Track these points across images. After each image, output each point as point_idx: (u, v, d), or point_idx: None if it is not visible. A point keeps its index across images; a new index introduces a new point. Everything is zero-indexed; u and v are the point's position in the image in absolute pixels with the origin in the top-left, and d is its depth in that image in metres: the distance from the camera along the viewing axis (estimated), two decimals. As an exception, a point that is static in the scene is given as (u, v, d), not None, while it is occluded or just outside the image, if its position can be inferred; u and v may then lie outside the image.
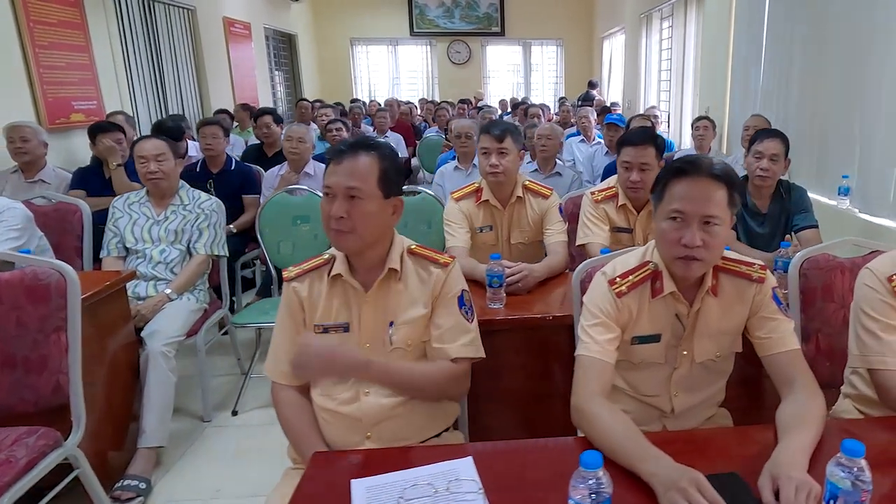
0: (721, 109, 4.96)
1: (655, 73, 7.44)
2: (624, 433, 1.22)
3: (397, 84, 12.53)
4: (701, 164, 1.39)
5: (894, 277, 1.47)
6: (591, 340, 1.45)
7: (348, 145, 1.54)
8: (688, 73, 6.21)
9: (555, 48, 12.54)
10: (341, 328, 1.58)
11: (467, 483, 1.13)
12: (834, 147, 3.36)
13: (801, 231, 2.61)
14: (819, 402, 1.32)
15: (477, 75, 12.37)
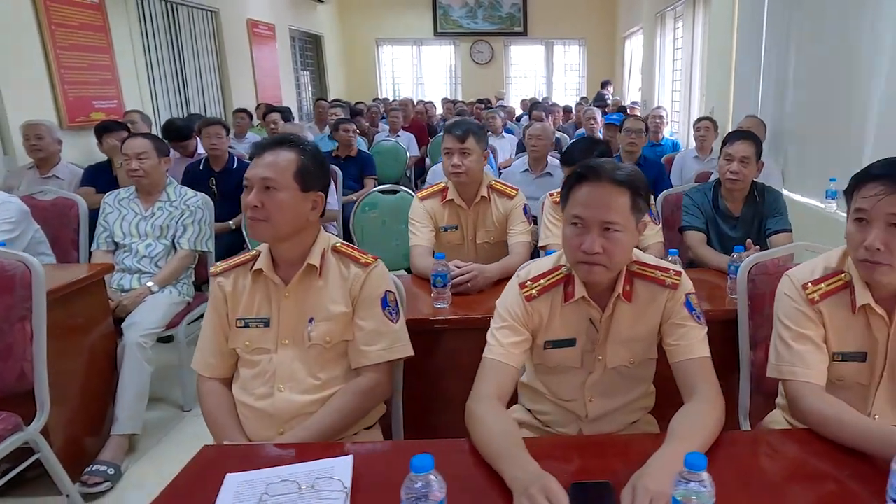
0: (725, 110, 4.83)
1: (669, 72, 7.29)
2: (501, 437, 1.20)
3: (421, 84, 12.56)
4: (602, 169, 1.35)
5: (809, 285, 1.41)
6: (496, 343, 1.43)
7: (270, 141, 1.57)
8: (695, 73, 6.07)
9: (577, 48, 12.39)
10: (262, 323, 1.59)
11: (334, 482, 1.12)
12: (823, 149, 3.23)
13: (774, 235, 2.51)
14: (714, 413, 1.27)
15: (499, 75, 12.30)
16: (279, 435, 1.52)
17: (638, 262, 1.48)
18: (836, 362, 1.41)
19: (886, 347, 1.38)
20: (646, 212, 1.41)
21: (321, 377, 1.57)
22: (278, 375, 1.55)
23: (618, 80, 10.95)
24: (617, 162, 1.42)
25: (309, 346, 1.57)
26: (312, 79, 10.93)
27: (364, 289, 1.59)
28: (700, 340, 1.40)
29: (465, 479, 1.16)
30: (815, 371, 1.36)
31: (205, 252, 3.20)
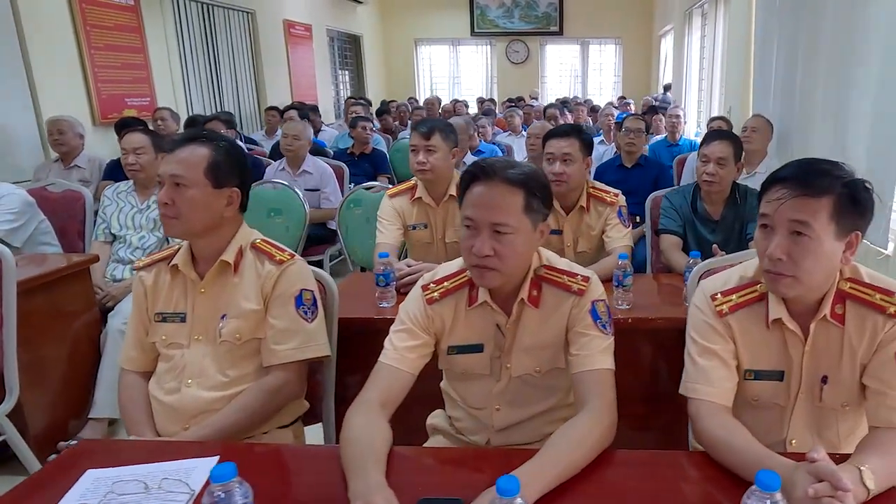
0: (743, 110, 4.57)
1: (696, 71, 6.98)
2: (356, 446, 1.13)
3: (457, 83, 12.48)
4: (494, 168, 1.26)
5: (718, 296, 1.28)
6: (390, 347, 1.35)
7: (182, 137, 1.54)
8: (716, 72, 5.78)
9: (613, 47, 12.07)
10: (178, 318, 1.57)
11: (181, 484, 1.08)
12: (822, 152, 3.00)
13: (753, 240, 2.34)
14: (598, 429, 1.17)
15: (534, 75, 12.11)
16: (184, 430, 1.49)
17: (547, 266, 1.38)
18: (749, 381, 1.27)
19: (801, 367, 1.24)
20: (543, 213, 1.30)
21: (230, 374, 1.53)
22: (188, 371, 1.52)
23: (653, 79, 10.61)
24: (514, 161, 1.32)
25: (220, 342, 1.53)
26: (351, 78, 11.00)
27: (277, 286, 1.54)
28: (601, 351, 1.29)
29: (329, 486, 1.10)
30: (718, 389, 1.23)
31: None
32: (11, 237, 2.95)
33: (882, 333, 1.17)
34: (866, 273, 1.23)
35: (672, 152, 4.81)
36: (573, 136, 2.23)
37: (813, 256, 1.13)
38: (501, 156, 4.78)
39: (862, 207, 1.14)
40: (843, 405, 1.23)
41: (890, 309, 1.17)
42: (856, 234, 1.16)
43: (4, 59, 4.44)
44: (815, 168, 1.15)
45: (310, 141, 4.15)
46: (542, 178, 1.31)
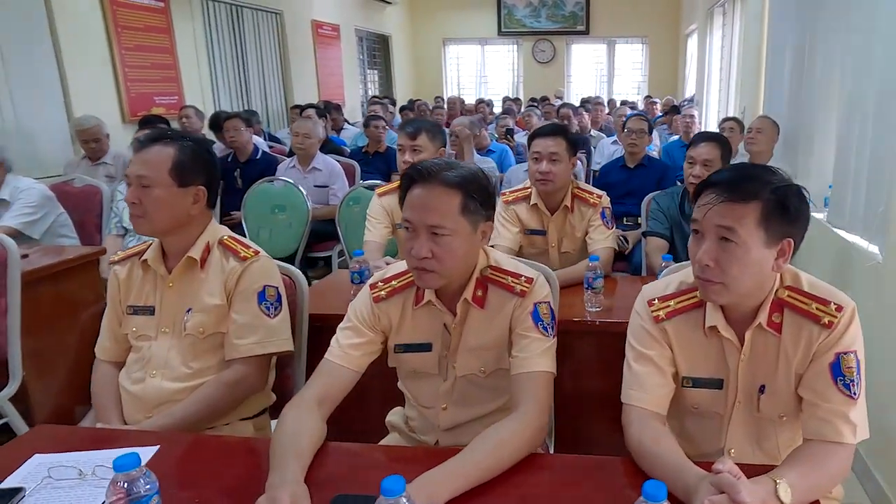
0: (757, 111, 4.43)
1: (717, 71, 6.79)
2: (282, 440, 1.14)
3: (484, 83, 12.42)
4: (431, 170, 1.25)
5: (656, 301, 1.25)
6: (335, 344, 1.36)
7: (147, 137, 1.56)
8: (733, 72, 5.60)
9: (640, 46, 11.83)
10: (148, 311, 1.60)
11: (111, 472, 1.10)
12: (822, 154, 2.89)
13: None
14: (523, 433, 1.15)
15: (560, 74, 11.96)
16: (147, 419, 1.52)
17: (493, 266, 1.37)
18: (688, 388, 1.24)
19: (738, 375, 1.20)
20: (483, 214, 1.29)
21: (193, 366, 1.56)
22: (153, 362, 1.56)
23: (680, 78, 10.38)
24: (455, 162, 1.31)
25: (185, 335, 1.56)
26: (380, 77, 11.05)
27: (240, 282, 1.56)
28: (539, 354, 1.28)
29: (254, 478, 1.11)
30: (651, 396, 1.20)
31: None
32: (30, 229, 3.06)
33: (816, 344, 1.13)
34: (807, 281, 1.18)
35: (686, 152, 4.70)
36: (559, 136, 2.20)
37: (740, 263, 1.09)
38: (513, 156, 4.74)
39: (792, 214, 1.10)
40: (780, 416, 1.19)
41: (824, 319, 1.12)
42: (788, 242, 1.12)
43: (38, 60, 4.59)
44: (745, 173, 1.12)
45: (320, 139, 4.19)
46: (482, 179, 1.29)
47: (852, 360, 1.10)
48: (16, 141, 4.41)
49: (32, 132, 4.59)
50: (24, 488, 1.08)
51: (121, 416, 1.56)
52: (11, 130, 4.44)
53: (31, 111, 4.56)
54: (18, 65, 4.39)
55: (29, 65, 4.50)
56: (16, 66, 4.37)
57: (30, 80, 4.51)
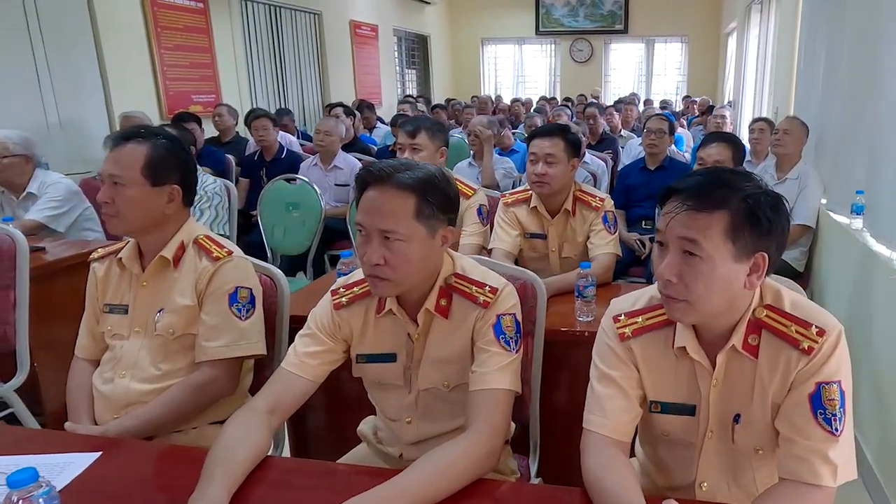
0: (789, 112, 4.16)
1: (752, 71, 6.44)
2: (215, 452, 1.07)
3: (522, 82, 12.20)
4: (386, 172, 1.15)
5: (622, 317, 1.11)
6: (292, 352, 1.28)
7: (119, 135, 1.51)
8: (767, 72, 5.28)
9: (679, 45, 11.40)
10: (122, 310, 1.56)
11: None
12: (851, 158, 2.65)
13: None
14: (470, 457, 1.05)
15: (597, 73, 11.64)
16: (114, 419, 1.48)
17: (459, 274, 1.26)
18: (656, 413, 1.11)
19: (709, 402, 1.06)
20: (441, 219, 1.18)
21: (163, 368, 1.51)
22: (123, 362, 1.52)
23: (720, 78, 9.95)
24: (414, 163, 1.20)
25: (155, 335, 1.51)
26: (418, 77, 10.99)
27: (211, 283, 1.50)
28: (498, 369, 1.16)
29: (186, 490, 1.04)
30: (612, 422, 1.06)
31: (223, 235, 3.27)
32: (55, 222, 3.09)
33: (795, 371, 0.98)
34: (790, 300, 1.03)
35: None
36: (557, 137, 2.07)
37: (705, 279, 0.95)
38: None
39: (764, 226, 0.95)
40: (756, 449, 1.05)
41: (804, 344, 0.97)
42: (761, 256, 0.97)
43: (81, 59, 4.68)
44: (713, 179, 0.98)
45: (342, 137, 4.14)
46: (441, 181, 1.18)
47: (835, 391, 0.95)
48: (59, 136, 4.53)
49: (75, 128, 4.68)
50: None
51: (91, 416, 1.52)
52: (55, 126, 4.54)
53: (74, 108, 4.65)
54: (62, 63, 4.48)
55: (72, 63, 4.59)
56: (59, 64, 4.47)
57: (72, 77, 4.60)
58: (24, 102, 4.28)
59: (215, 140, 5.29)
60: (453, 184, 1.23)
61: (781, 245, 0.99)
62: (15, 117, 4.05)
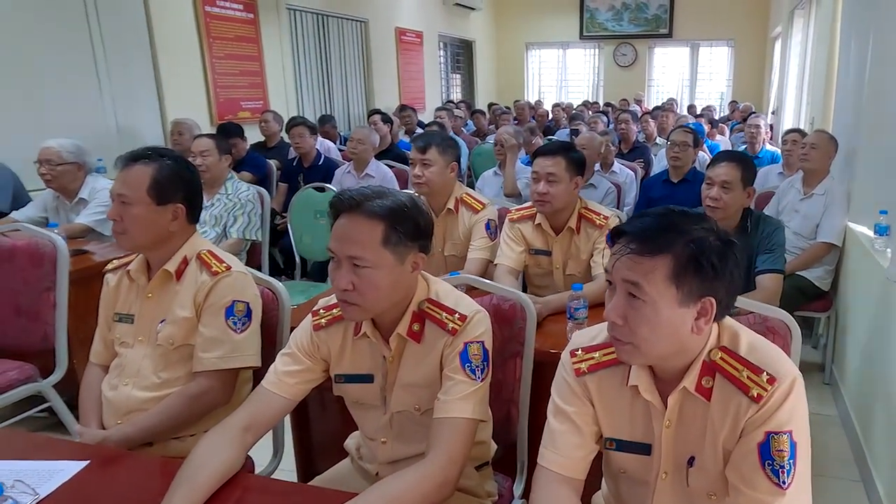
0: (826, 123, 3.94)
1: (794, 78, 6.11)
2: (184, 468, 1.11)
3: (565, 86, 12.01)
4: (355, 200, 1.16)
5: (579, 352, 1.08)
6: (272, 370, 1.31)
7: (127, 156, 1.57)
8: (805, 80, 4.99)
9: (725, 49, 10.96)
10: (129, 319, 1.62)
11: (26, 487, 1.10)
12: (876, 175, 2.48)
13: (760, 275, 2.01)
14: (424, 486, 1.05)
15: (641, 78, 11.33)
16: (117, 425, 1.54)
17: (431, 300, 1.26)
18: (610, 450, 1.07)
19: (661, 443, 1.02)
20: (410, 245, 1.17)
21: (163, 376, 1.56)
22: (127, 370, 1.58)
23: (766, 83, 9.52)
24: (388, 191, 1.20)
25: (157, 345, 1.57)
26: (462, 81, 10.97)
27: (209, 297, 1.55)
28: (461, 398, 1.15)
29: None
30: (563, 458, 1.04)
31: (255, 241, 3.36)
32: (101, 226, 3.24)
33: (745, 419, 0.93)
34: (747, 343, 0.98)
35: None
36: (559, 156, 2.03)
37: (649, 323, 0.92)
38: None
39: (708, 272, 0.91)
40: (708, 494, 1.00)
41: (753, 391, 0.92)
42: (709, 301, 0.93)
43: (138, 68, 4.88)
44: (660, 223, 0.94)
45: (374, 146, 4.17)
46: (411, 210, 1.18)
47: (785, 441, 0.90)
48: (116, 141, 4.73)
49: (131, 133, 4.88)
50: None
51: (99, 421, 1.58)
52: (113, 131, 4.75)
53: (131, 115, 4.85)
54: (121, 73, 4.69)
55: (130, 73, 4.79)
56: (118, 74, 4.67)
57: (130, 86, 4.81)
58: (86, 109, 4.49)
59: (261, 145, 5.42)
60: (425, 212, 1.23)
61: (733, 289, 0.95)
62: (78, 123, 4.27)
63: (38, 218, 3.26)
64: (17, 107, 3.87)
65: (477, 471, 1.39)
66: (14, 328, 2.41)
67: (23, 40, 3.92)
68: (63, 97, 4.23)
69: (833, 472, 2.36)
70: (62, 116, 4.15)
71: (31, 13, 3.98)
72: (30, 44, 3.97)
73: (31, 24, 3.98)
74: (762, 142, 4.48)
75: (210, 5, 5.54)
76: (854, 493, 2.23)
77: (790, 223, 2.99)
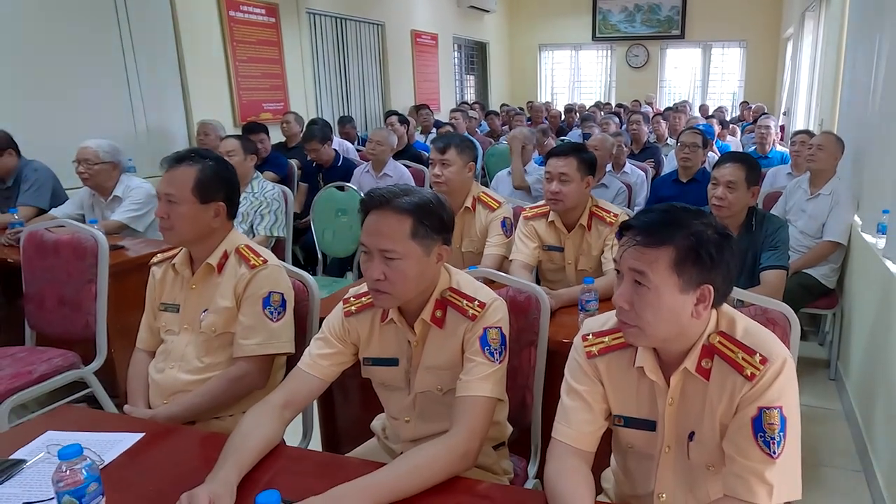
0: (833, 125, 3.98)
1: (805, 79, 6.12)
2: (232, 440, 1.20)
3: (577, 87, 12.04)
4: (384, 197, 1.26)
5: (590, 336, 1.18)
6: (307, 353, 1.41)
7: (173, 158, 1.68)
8: (815, 81, 5.01)
9: (737, 50, 10.93)
10: (174, 308, 1.74)
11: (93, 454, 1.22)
12: (879, 176, 2.54)
13: (764, 271, 2.09)
14: (446, 457, 1.15)
15: (653, 79, 11.34)
16: (163, 404, 1.66)
17: (453, 288, 1.36)
18: (619, 426, 1.17)
19: (664, 419, 1.11)
20: (436, 238, 1.28)
21: (205, 361, 1.67)
22: (173, 355, 1.69)
23: (778, 84, 9.50)
24: (413, 189, 1.31)
25: (200, 332, 1.68)
26: (476, 82, 11.06)
27: (248, 288, 1.65)
28: (482, 378, 1.26)
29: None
30: (575, 432, 1.14)
31: (280, 237, 3.48)
32: (135, 223, 3.37)
33: (739, 396, 1.03)
34: (743, 328, 1.07)
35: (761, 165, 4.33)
36: (571, 156, 2.13)
37: (652, 308, 1.01)
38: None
39: (706, 262, 1.00)
40: (707, 466, 1.10)
41: (747, 371, 1.02)
42: (707, 288, 1.02)
43: (165, 71, 5.02)
44: (664, 218, 1.04)
45: (392, 147, 4.28)
46: (435, 205, 1.28)
47: (776, 416, 0.99)
48: (145, 141, 4.88)
49: (158, 134, 5.03)
50: (26, 461, 1.22)
51: (146, 401, 1.70)
52: (142, 132, 4.90)
53: (158, 116, 5.00)
54: (148, 75, 4.83)
55: (157, 75, 4.93)
56: (146, 76, 4.82)
57: (157, 88, 4.95)
58: (115, 110, 4.64)
59: (282, 146, 5.55)
60: (447, 207, 1.33)
61: (729, 278, 1.04)
62: (108, 123, 4.43)
63: (74, 215, 3.39)
64: (53, 109, 4.02)
65: (494, 450, 1.49)
66: (59, 317, 2.55)
67: (57, 46, 4.07)
68: (95, 99, 4.38)
69: (836, 462, 2.43)
70: (94, 118, 4.31)
71: (65, 21, 4.14)
72: (64, 50, 4.12)
73: (65, 31, 4.13)
74: (772, 143, 4.52)
75: (234, 10, 5.68)
76: (855, 483, 2.30)
77: (797, 223, 3.05)
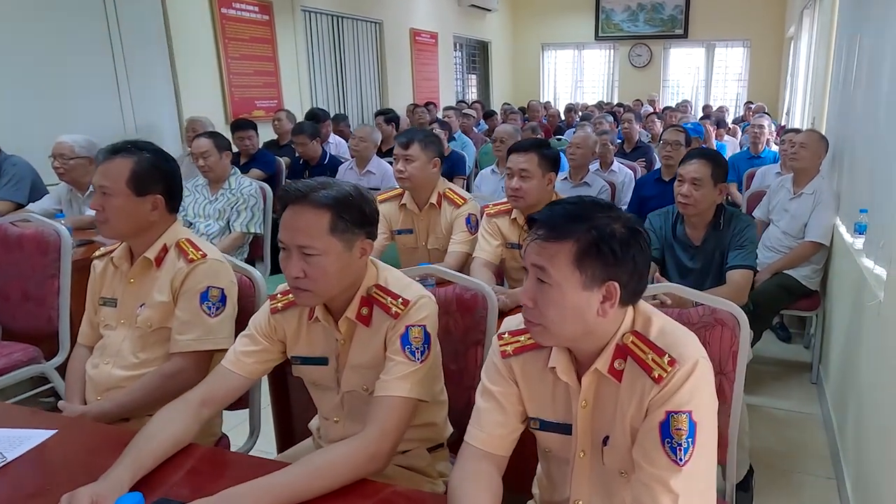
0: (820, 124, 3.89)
1: (802, 77, 6.00)
2: (135, 440, 1.16)
3: (580, 87, 11.95)
4: (301, 191, 1.21)
5: (506, 335, 1.13)
6: (231, 350, 1.37)
7: (108, 150, 1.64)
8: (809, 80, 4.91)
9: (741, 49, 10.79)
10: (112, 303, 1.70)
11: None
12: (858, 175, 2.45)
13: (730, 271, 2.02)
14: (355, 458, 1.10)
15: (656, 78, 11.22)
16: (97, 400, 1.62)
17: (379, 286, 1.31)
18: (535, 430, 1.12)
19: (578, 422, 1.06)
20: (357, 232, 1.23)
21: (141, 357, 1.64)
22: (108, 350, 1.66)
23: (781, 84, 9.36)
24: (332, 182, 1.26)
25: (136, 327, 1.64)
26: (478, 82, 11.00)
27: (185, 282, 1.62)
28: (400, 378, 1.20)
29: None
30: (486, 434, 1.08)
31: (258, 234, 3.45)
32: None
33: (648, 399, 0.97)
34: (658, 327, 1.01)
35: (753, 165, 4.26)
36: (532, 152, 2.07)
37: (556, 306, 0.96)
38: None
39: (608, 257, 0.94)
40: (620, 472, 1.04)
41: (655, 372, 0.96)
42: (612, 285, 0.96)
43: (156, 68, 5.01)
44: (567, 212, 0.98)
45: (376, 144, 4.24)
46: (356, 198, 1.23)
47: (684, 421, 0.93)
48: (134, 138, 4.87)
49: (149, 132, 5.00)
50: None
51: (81, 398, 1.66)
52: (132, 130, 4.89)
53: (148, 113, 4.99)
54: (139, 70, 4.82)
55: (147, 72, 4.92)
56: (137, 71, 4.80)
57: (147, 85, 4.94)
58: (104, 108, 4.63)
59: (273, 143, 5.53)
60: (370, 200, 1.28)
61: (637, 274, 0.98)
62: (96, 120, 4.40)
63: (52, 209, 3.38)
64: (38, 105, 4.02)
65: (429, 452, 1.44)
66: (23, 312, 2.53)
67: (45, 41, 4.07)
68: (83, 96, 4.37)
69: (809, 469, 2.35)
70: (82, 114, 4.29)
71: (52, 15, 4.13)
72: (51, 45, 4.11)
73: (53, 26, 4.13)
74: (766, 142, 4.44)
75: (226, 7, 5.67)
76: (826, 490, 2.22)
77: (779, 222, 2.98)
